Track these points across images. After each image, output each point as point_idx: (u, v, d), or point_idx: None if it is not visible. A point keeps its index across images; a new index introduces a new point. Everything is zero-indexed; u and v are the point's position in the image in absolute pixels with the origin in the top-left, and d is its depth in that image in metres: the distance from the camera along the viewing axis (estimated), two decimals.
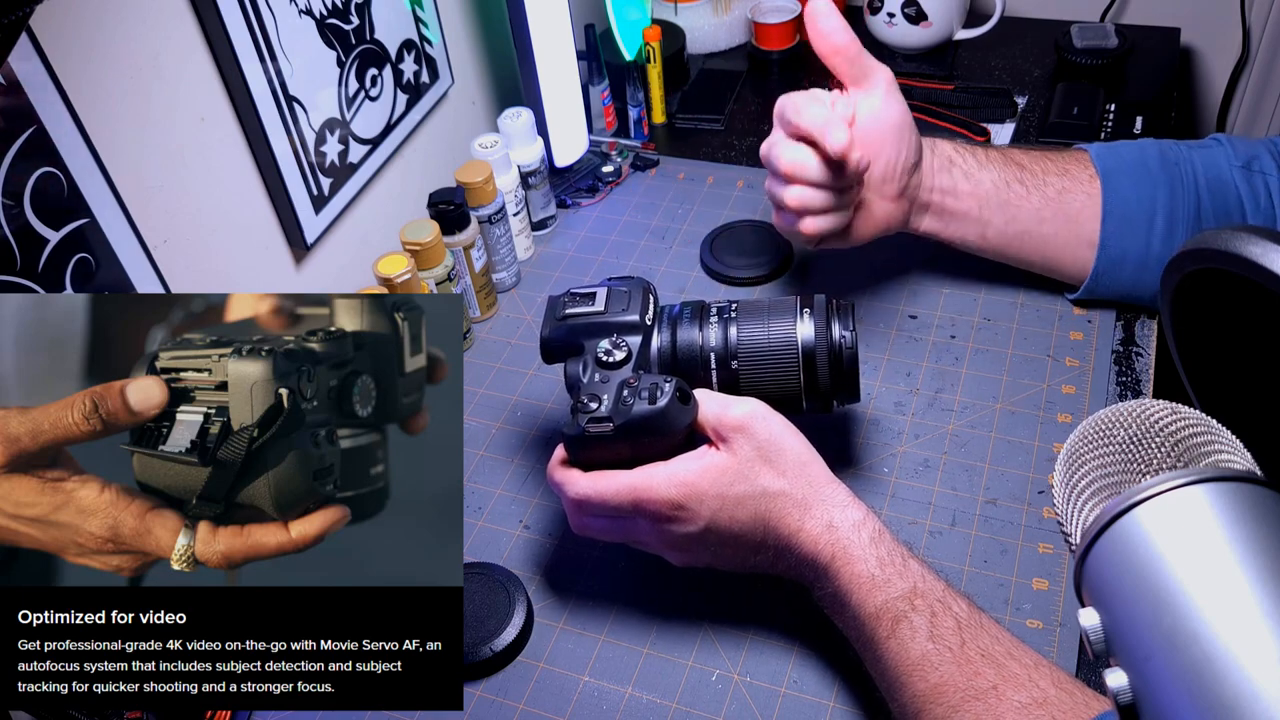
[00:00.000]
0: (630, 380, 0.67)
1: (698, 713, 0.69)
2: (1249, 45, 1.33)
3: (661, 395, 0.65)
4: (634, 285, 0.73)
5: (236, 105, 0.79)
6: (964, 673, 0.58)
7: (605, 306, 0.72)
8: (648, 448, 0.67)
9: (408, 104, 0.99)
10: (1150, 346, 0.87)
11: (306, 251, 0.89)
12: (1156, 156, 0.83)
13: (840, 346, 0.69)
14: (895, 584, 0.62)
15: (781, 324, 0.70)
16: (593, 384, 0.68)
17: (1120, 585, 0.35)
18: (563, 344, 0.72)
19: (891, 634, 0.61)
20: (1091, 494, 0.39)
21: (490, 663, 0.72)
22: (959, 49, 1.25)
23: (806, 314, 0.70)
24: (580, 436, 0.67)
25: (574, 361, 0.71)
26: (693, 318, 0.72)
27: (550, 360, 0.73)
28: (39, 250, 0.63)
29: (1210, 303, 0.43)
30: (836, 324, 0.70)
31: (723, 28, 1.31)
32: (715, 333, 0.71)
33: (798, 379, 0.70)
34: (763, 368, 0.70)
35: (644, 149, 1.16)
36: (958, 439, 0.82)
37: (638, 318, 0.71)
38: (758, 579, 0.73)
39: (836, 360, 0.69)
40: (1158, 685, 0.33)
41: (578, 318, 0.72)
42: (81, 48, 0.65)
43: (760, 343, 0.70)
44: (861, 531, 0.64)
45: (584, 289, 0.73)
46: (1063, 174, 0.84)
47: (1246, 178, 0.81)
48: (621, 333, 0.71)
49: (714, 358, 0.70)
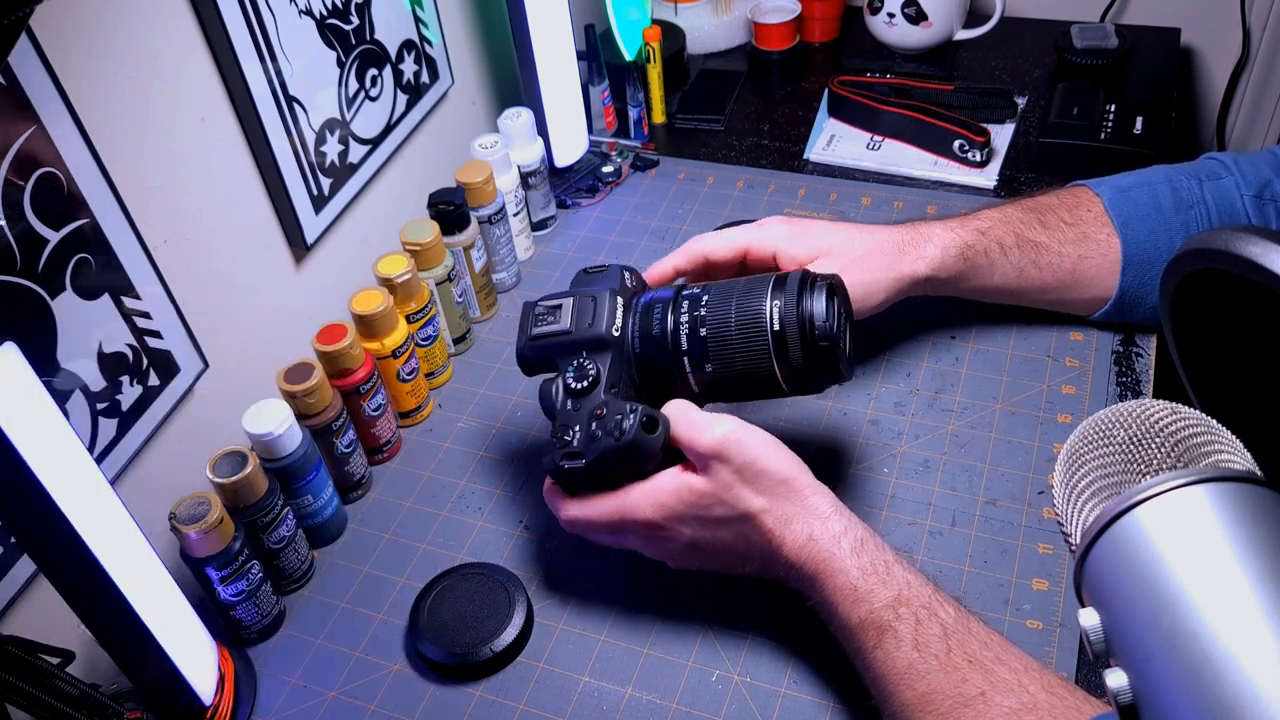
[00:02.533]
0: (598, 410, 0.67)
1: (698, 713, 0.69)
2: (1249, 45, 1.33)
3: (627, 429, 0.65)
4: (602, 287, 0.71)
5: (236, 105, 0.79)
6: (951, 680, 0.58)
7: (572, 324, 0.70)
8: (624, 471, 0.68)
9: (408, 104, 0.99)
10: (1150, 346, 0.87)
11: (306, 251, 0.89)
12: (1169, 197, 0.82)
13: (811, 323, 0.65)
14: (879, 594, 0.62)
15: (750, 304, 0.66)
16: (565, 413, 0.69)
17: (1120, 585, 0.35)
18: (536, 362, 0.73)
19: (877, 645, 0.61)
20: (1091, 494, 0.39)
21: (490, 663, 0.72)
22: (959, 49, 1.25)
23: (777, 292, 0.66)
24: (557, 470, 0.69)
25: (548, 381, 0.71)
26: (661, 310, 0.70)
27: (530, 374, 0.74)
28: (39, 250, 0.63)
29: (1210, 303, 0.42)
30: (809, 299, 0.66)
31: (723, 28, 1.31)
32: (685, 324, 0.68)
33: (769, 361, 0.66)
34: (732, 353, 0.67)
35: (644, 149, 1.16)
36: (958, 439, 0.82)
37: (603, 331, 0.69)
38: (756, 580, 0.73)
39: (809, 339, 0.65)
40: (1158, 685, 0.33)
41: (546, 338, 0.71)
42: (81, 48, 0.65)
43: (727, 326, 0.67)
44: (842, 543, 0.64)
45: (552, 300, 0.72)
46: (1081, 240, 0.82)
47: (1259, 206, 0.80)
48: (590, 350, 0.69)
49: (685, 351, 0.68)
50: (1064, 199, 0.85)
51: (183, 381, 0.77)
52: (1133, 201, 0.82)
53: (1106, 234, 0.82)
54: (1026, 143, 1.11)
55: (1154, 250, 0.81)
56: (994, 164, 1.08)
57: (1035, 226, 0.83)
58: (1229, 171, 0.83)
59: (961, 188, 1.07)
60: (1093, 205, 0.84)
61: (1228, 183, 0.82)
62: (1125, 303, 0.84)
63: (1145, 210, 0.82)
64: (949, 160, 1.09)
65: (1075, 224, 0.83)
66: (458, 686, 0.72)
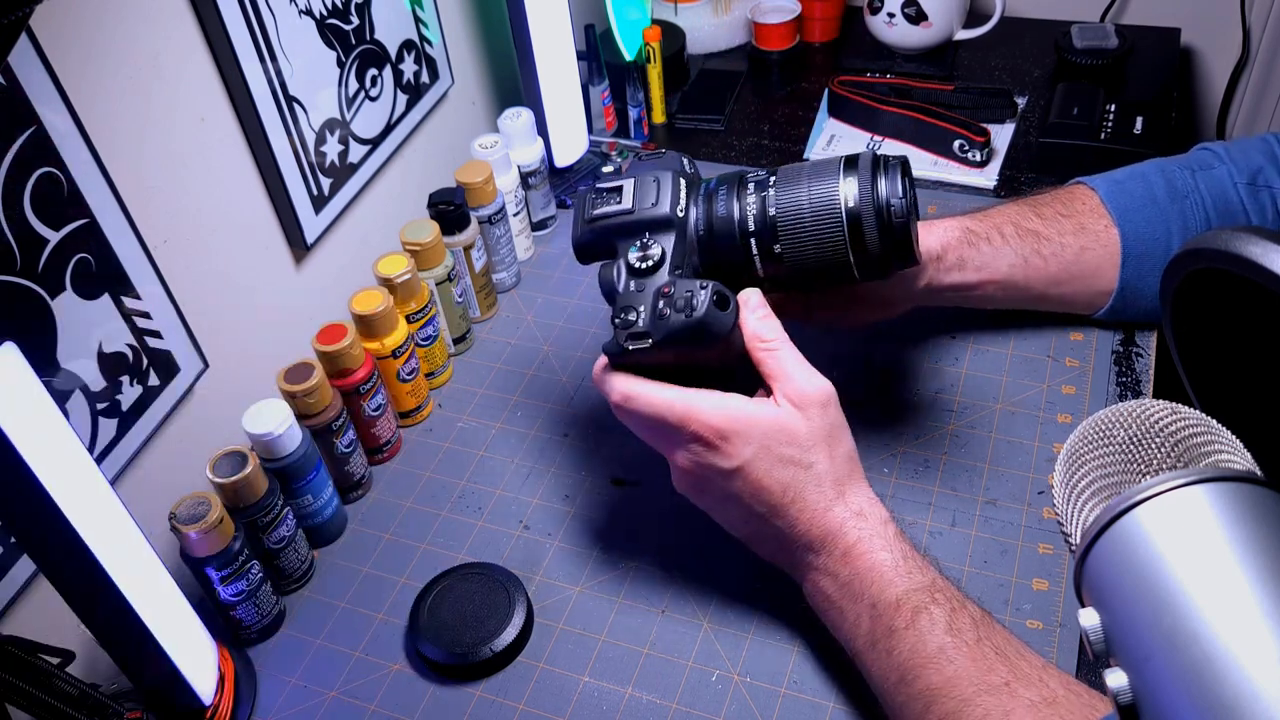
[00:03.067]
0: (665, 288, 0.64)
1: (698, 713, 0.69)
2: (1249, 45, 1.32)
3: (698, 306, 0.62)
4: (664, 168, 0.69)
5: (236, 105, 0.79)
6: (979, 668, 0.58)
7: (634, 203, 0.67)
8: (691, 356, 0.64)
9: (408, 104, 0.99)
10: (1150, 346, 0.87)
11: (306, 251, 0.89)
12: (1164, 188, 0.82)
13: (888, 204, 0.63)
14: (916, 577, 0.63)
15: (822, 186, 0.64)
16: (628, 294, 0.65)
17: (1120, 585, 0.35)
18: (593, 246, 0.69)
19: (911, 624, 0.61)
20: (1091, 494, 0.39)
21: (490, 663, 0.72)
22: (959, 49, 1.25)
23: (850, 173, 0.64)
24: (621, 352, 0.65)
25: (607, 265, 0.68)
26: (729, 193, 0.67)
27: (585, 262, 0.70)
28: (39, 250, 0.63)
29: (1210, 303, 0.42)
30: (884, 180, 0.64)
31: (723, 28, 1.31)
32: (753, 205, 0.66)
33: (844, 245, 0.64)
34: (805, 237, 0.65)
35: (644, 149, 1.16)
36: (958, 439, 0.82)
37: (668, 210, 0.66)
38: (756, 580, 0.73)
39: (885, 220, 0.63)
40: (1158, 685, 0.33)
41: (606, 219, 0.67)
42: (81, 48, 0.65)
43: (801, 209, 0.64)
44: (888, 527, 0.65)
45: (610, 182, 0.69)
46: (1079, 230, 0.82)
47: (1253, 194, 0.81)
48: (653, 231, 0.66)
49: (753, 233, 0.66)
50: (1059, 194, 0.86)
51: (183, 381, 0.77)
52: (1128, 194, 0.83)
53: (1104, 225, 0.82)
54: (1026, 143, 1.11)
55: (1152, 241, 0.81)
56: (994, 164, 1.08)
57: (1031, 217, 0.83)
58: (1221, 161, 0.83)
59: (961, 188, 1.07)
60: (1088, 198, 0.84)
61: (1220, 172, 0.82)
62: (1126, 296, 0.84)
63: (1141, 202, 0.82)
64: (949, 160, 1.09)
65: (1071, 215, 0.83)
66: (458, 686, 0.72)
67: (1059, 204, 0.84)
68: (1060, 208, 0.84)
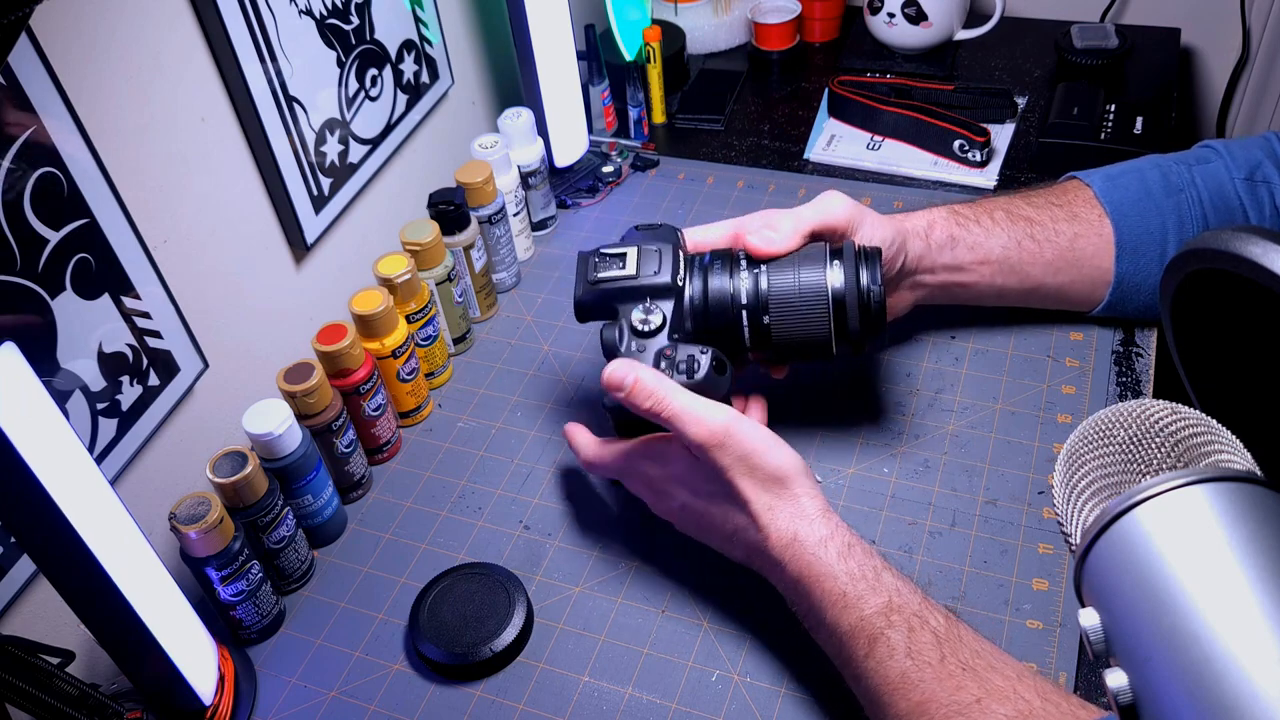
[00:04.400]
0: (666, 351, 0.70)
1: (698, 713, 0.69)
2: (1249, 45, 1.32)
3: (698, 369, 0.68)
4: (664, 240, 0.74)
5: (236, 105, 0.79)
6: (946, 688, 0.57)
7: (637, 269, 0.73)
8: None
9: (408, 104, 0.99)
10: (1150, 346, 0.87)
11: (306, 251, 0.89)
12: (1159, 182, 0.82)
13: (869, 292, 0.71)
14: (868, 600, 0.61)
15: (811, 273, 0.72)
16: (630, 353, 0.71)
17: (1120, 585, 0.35)
18: (595, 307, 0.74)
19: (869, 653, 0.60)
20: (1091, 494, 0.39)
21: (490, 663, 0.72)
22: (959, 49, 1.25)
23: (835, 262, 0.72)
24: (618, 408, 0.70)
25: (609, 326, 0.73)
26: (723, 268, 0.73)
27: (584, 320, 0.75)
28: (39, 250, 0.63)
29: (1210, 303, 0.42)
30: (864, 271, 0.71)
31: (723, 28, 1.31)
32: (746, 283, 0.72)
33: (828, 326, 0.71)
34: (794, 317, 0.72)
35: (644, 149, 1.16)
36: (958, 439, 0.82)
37: (669, 279, 0.72)
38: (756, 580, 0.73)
39: (865, 306, 0.71)
40: (1158, 685, 0.33)
41: (610, 282, 0.73)
42: (81, 48, 0.65)
43: (791, 292, 0.71)
44: (828, 547, 0.64)
45: (614, 248, 0.74)
46: (1072, 219, 0.82)
47: (1250, 189, 0.80)
48: (654, 297, 0.72)
49: (745, 309, 0.72)
50: (1052, 188, 0.86)
51: (183, 381, 0.77)
52: (1122, 187, 0.83)
53: (1097, 215, 0.82)
54: (1026, 143, 1.11)
55: (1146, 234, 0.81)
56: (994, 164, 1.08)
57: (1021, 205, 0.84)
58: (1218, 156, 0.83)
59: (961, 188, 1.07)
60: (1081, 191, 0.84)
61: (1217, 166, 0.82)
62: (1123, 291, 0.84)
63: (1135, 195, 0.82)
64: (949, 160, 1.09)
65: (1063, 205, 0.84)
66: (458, 686, 0.72)
67: (1052, 195, 0.85)
68: (1052, 198, 0.84)
